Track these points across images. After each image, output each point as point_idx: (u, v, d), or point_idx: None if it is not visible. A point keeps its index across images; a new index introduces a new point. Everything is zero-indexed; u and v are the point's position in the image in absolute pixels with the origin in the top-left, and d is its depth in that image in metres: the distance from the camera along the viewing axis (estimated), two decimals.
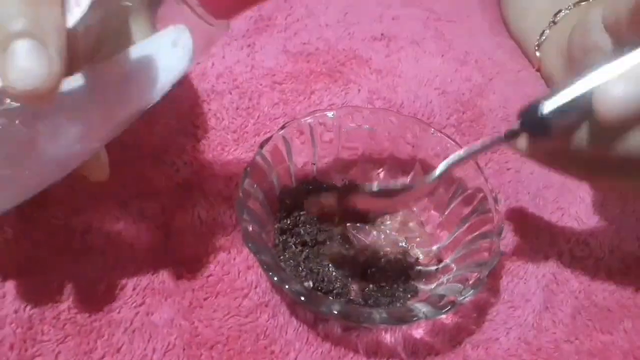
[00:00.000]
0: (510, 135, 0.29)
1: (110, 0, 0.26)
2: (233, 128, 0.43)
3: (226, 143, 0.43)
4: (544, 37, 0.48)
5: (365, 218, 0.38)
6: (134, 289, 0.35)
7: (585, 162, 0.30)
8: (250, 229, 0.32)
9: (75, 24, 0.23)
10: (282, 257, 0.36)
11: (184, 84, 0.45)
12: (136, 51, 0.27)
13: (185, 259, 0.36)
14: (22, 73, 0.21)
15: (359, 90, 0.47)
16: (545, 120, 0.27)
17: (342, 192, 0.38)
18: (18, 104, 0.24)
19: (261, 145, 0.36)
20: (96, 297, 0.34)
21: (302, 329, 0.34)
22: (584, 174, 0.32)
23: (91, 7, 0.24)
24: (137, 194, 0.39)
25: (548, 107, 0.27)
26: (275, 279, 0.30)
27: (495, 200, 0.35)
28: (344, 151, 0.41)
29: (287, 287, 0.30)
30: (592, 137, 0.28)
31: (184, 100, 0.44)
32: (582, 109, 0.27)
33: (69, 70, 0.24)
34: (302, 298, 0.30)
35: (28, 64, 0.21)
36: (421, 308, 0.31)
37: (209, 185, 0.40)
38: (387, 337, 0.34)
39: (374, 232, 0.38)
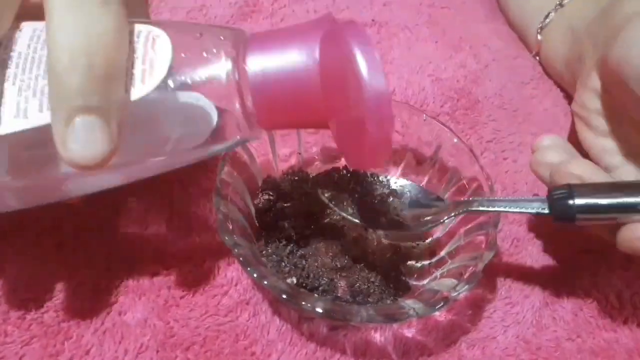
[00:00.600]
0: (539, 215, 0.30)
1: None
2: None
3: None
4: (548, 20, 0.46)
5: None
6: (106, 287, 0.32)
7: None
8: (229, 221, 0.30)
9: (137, 98, 0.23)
10: (264, 252, 0.33)
11: None
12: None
13: (162, 255, 0.34)
14: (81, 148, 0.22)
15: None
16: (573, 214, 0.29)
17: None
18: None
19: None
20: (66, 296, 0.32)
21: (285, 329, 0.32)
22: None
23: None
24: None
25: (578, 205, 0.29)
26: (255, 275, 0.28)
27: (491, 189, 0.33)
28: (331, 140, 0.38)
29: (265, 283, 0.27)
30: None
31: None
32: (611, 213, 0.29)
33: None
34: (283, 295, 0.27)
35: (89, 140, 0.22)
36: (412, 305, 0.29)
37: (188, 177, 0.37)
38: (377, 337, 0.32)
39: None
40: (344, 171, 0.37)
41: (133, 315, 0.32)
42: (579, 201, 0.29)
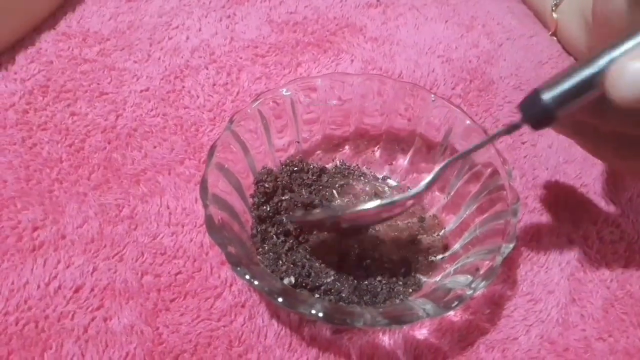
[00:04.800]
0: (512, 129, 0.27)
1: None
2: (209, 106, 0.38)
3: (201, 123, 0.38)
4: None
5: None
6: (91, 290, 0.30)
7: (611, 141, 0.28)
8: (219, 216, 0.27)
9: None
10: (260, 250, 0.31)
11: (149, 60, 0.41)
12: None
13: (151, 255, 0.31)
14: None
15: (352, 60, 0.42)
16: (547, 110, 0.25)
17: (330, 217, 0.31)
18: None
19: (231, 120, 0.31)
20: (46, 301, 0.29)
21: (284, 333, 0.29)
22: (612, 155, 0.29)
23: None
24: (98, 182, 0.34)
25: (549, 96, 0.25)
26: (246, 275, 0.25)
27: (509, 175, 0.30)
28: (332, 126, 0.35)
29: (257, 283, 0.25)
30: (609, 117, 0.26)
31: (153, 78, 0.40)
32: (590, 91, 0.24)
33: None
34: (277, 297, 0.24)
35: None
36: (422, 305, 0.26)
37: (180, 171, 0.35)
38: (385, 340, 0.29)
39: None
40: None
41: (119, 321, 0.29)
42: (548, 95, 0.25)
